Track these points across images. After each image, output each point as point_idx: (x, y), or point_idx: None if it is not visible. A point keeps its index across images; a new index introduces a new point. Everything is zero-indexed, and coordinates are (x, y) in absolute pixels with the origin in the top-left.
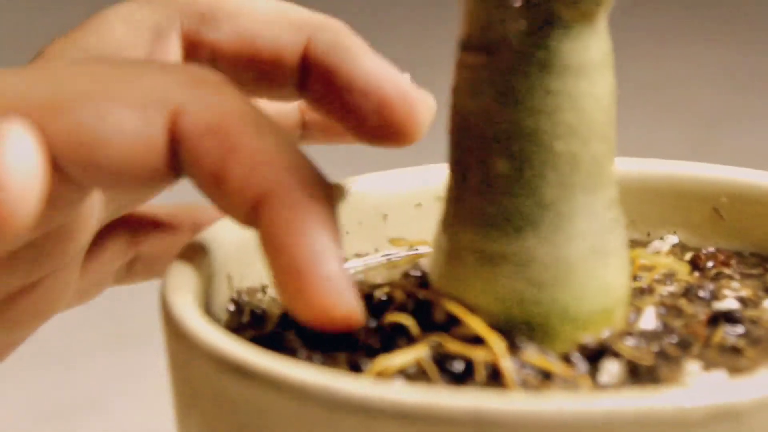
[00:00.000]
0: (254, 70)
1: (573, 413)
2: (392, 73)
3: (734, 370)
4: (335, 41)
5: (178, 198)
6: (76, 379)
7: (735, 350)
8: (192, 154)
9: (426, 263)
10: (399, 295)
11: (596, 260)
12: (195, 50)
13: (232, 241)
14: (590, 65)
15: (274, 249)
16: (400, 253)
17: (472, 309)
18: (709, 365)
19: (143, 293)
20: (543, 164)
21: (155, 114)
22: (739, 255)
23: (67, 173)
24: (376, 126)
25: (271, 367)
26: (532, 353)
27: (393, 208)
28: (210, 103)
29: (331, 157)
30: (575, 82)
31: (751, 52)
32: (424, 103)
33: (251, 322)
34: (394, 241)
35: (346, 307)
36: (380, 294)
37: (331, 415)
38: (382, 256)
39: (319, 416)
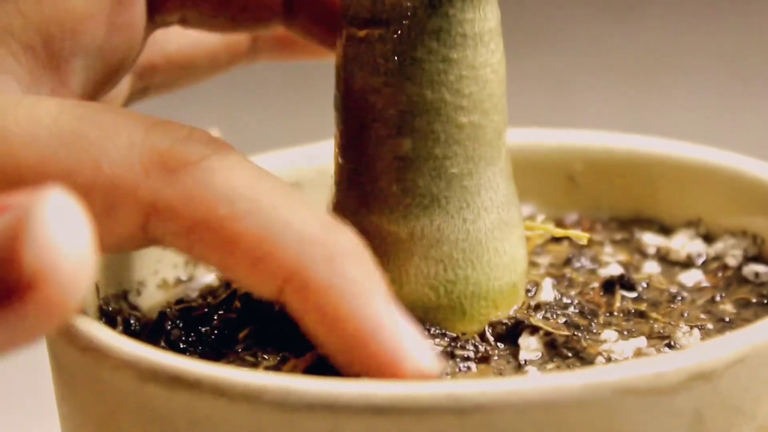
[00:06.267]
0: (237, 12)
1: (554, 389)
2: None
3: (650, 334)
4: None
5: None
6: None
7: (640, 314)
8: (184, 253)
9: None
10: None
11: (502, 234)
12: (163, 3)
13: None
14: (488, 34)
15: (324, 339)
16: None
17: None
18: (623, 332)
19: None
20: (448, 138)
21: (126, 217)
22: (598, 221)
23: None
24: None
25: (216, 375)
26: (446, 338)
27: None
28: (186, 192)
29: None
30: (475, 52)
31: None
32: None
33: (125, 332)
34: None
35: (430, 364)
36: None
37: (291, 417)
38: None
39: (276, 420)
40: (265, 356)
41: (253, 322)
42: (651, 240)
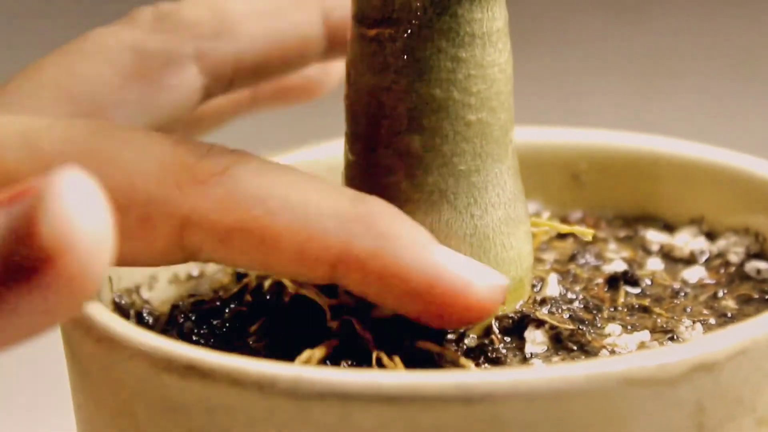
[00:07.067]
0: (281, 64)
1: (560, 379)
2: None
3: (654, 328)
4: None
5: None
6: None
7: (644, 309)
8: (224, 262)
9: None
10: (291, 284)
11: (508, 230)
12: (215, 69)
13: None
14: (496, 34)
15: (396, 304)
16: None
17: None
18: (626, 326)
19: None
20: (456, 136)
21: (162, 231)
22: (602, 219)
23: None
24: None
25: (229, 364)
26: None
27: None
28: (219, 200)
29: None
30: (483, 51)
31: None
32: None
33: (138, 325)
34: None
35: (497, 280)
36: (269, 282)
37: (303, 405)
38: None
39: (288, 408)
40: None
41: (264, 315)
42: (654, 237)
